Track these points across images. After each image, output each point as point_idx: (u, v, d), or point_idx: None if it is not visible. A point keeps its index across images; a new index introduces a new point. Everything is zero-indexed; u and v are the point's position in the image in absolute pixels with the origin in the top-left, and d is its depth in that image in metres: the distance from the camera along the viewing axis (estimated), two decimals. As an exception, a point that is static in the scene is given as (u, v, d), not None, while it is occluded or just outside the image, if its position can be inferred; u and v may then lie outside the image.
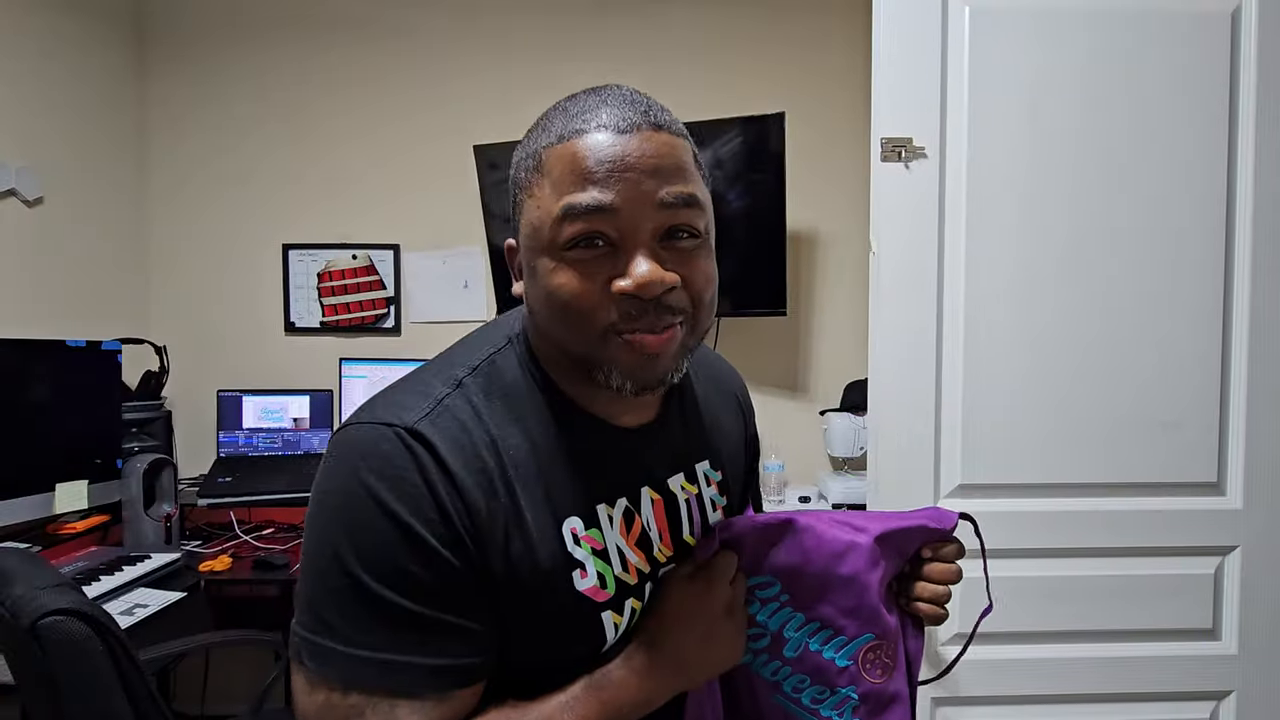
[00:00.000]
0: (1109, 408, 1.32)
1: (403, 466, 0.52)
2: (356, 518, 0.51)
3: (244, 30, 2.38)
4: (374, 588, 0.51)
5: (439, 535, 0.52)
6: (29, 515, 1.71)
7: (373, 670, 0.50)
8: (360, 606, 0.51)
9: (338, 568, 0.51)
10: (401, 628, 0.51)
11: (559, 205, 0.52)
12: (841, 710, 0.64)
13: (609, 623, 0.59)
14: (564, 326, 0.55)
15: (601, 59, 2.31)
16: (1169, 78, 1.30)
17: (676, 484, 0.67)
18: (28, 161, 1.95)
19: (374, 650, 0.50)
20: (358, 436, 0.54)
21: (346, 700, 0.50)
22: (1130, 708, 1.35)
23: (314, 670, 0.51)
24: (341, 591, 0.51)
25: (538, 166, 0.54)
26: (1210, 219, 1.31)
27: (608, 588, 0.59)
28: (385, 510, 0.51)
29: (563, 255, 0.53)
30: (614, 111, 0.53)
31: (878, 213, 1.32)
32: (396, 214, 2.39)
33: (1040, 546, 1.33)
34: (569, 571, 0.57)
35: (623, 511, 0.62)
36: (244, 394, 2.26)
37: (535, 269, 0.55)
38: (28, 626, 0.94)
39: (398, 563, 0.51)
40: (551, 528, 0.57)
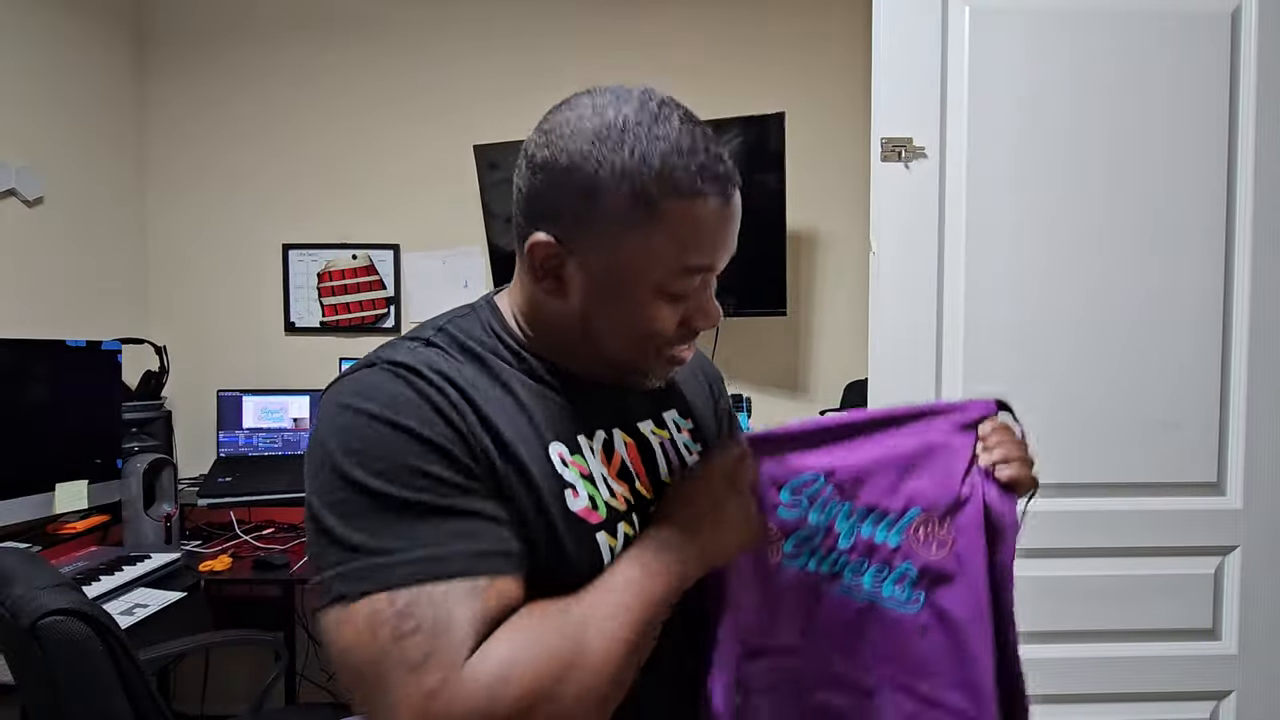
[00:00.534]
0: (1109, 408, 1.32)
1: (394, 388, 0.55)
2: (362, 438, 0.53)
3: (244, 30, 2.38)
4: (398, 493, 0.51)
5: (445, 436, 0.54)
6: (29, 515, 1.71)
7: (414, 566, 0.50)
8: (388, 516, 0.51)
9: (354, 490, 0.51)
10: (435, 523, 0.51)
11: (681, 262, 0.58)
12: (902, 584, 0.65)
13: (604, 544, 0.60)
14: (637, 345, 0.62)
15: (603, 60, 2.32)
16: (1169, 78, 1.30)
17: (647, 428, 0.70)
18: (28, 161, 1.95)
19: (412, 549, 0.50)
20: (340, 388, 0.57)
21: (394, 604, 0.48)
22: (1130, 708, 1.35)
23: (351, 595, 0.49)
24: (364, 511, 0.51)
25: (650, 212, 0.56)
26: (1210, 219, 1.31)
27: (599, 510, 0.61)
28: (388, 422, 0.53)
29: (666, 296, 0.60)
30: (721, 169, 0.59)
31: (878, 213, 1.32)
32: (396, 214, 2.39)
33: (1040, 546, 1.33)
34: (561, 490, 0.59)
35: (602, 443, 0.65)
36: (244, 394, 2.26)
37: (626, 295, 0.60)
38: (28, 626, 0.94)
39: (416, 465, 0.52)
40: (539, 450, 0.59)
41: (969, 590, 0.64)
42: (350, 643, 0.49)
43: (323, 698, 2.37)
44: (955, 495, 0.65)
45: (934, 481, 0.66)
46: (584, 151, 0.56)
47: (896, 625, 0.66)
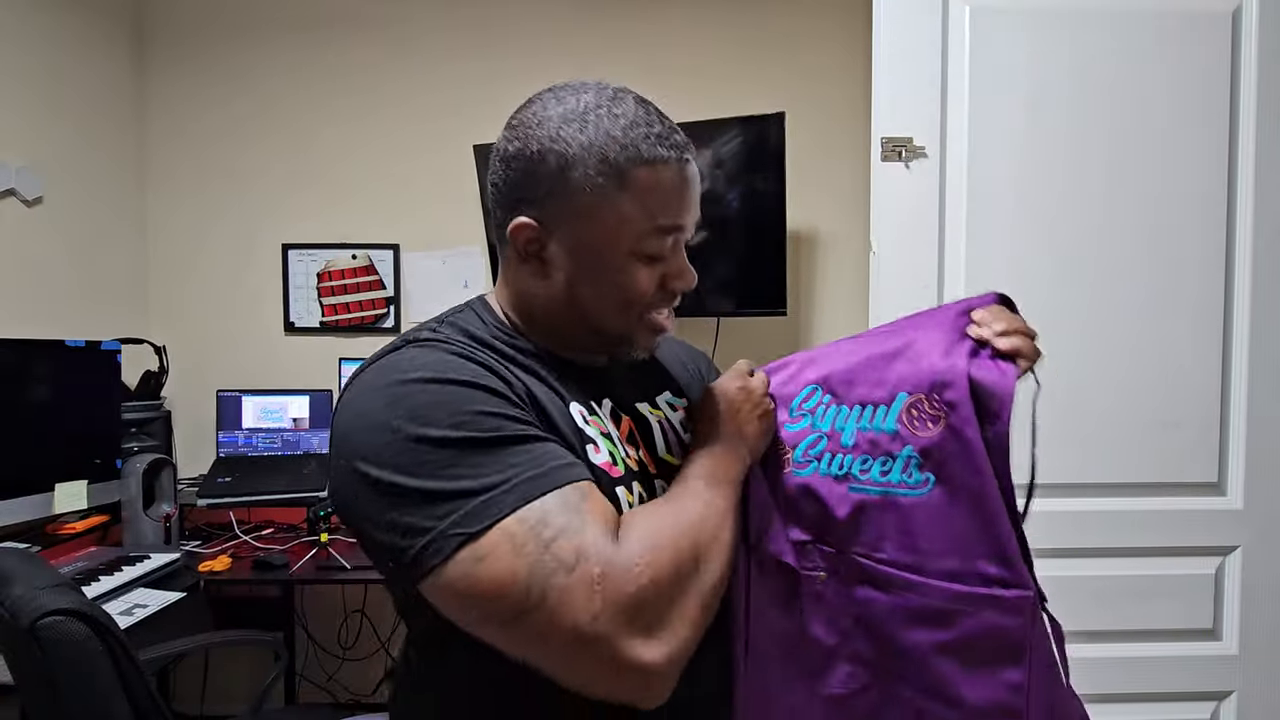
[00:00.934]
0: (1109, 408, 1.32)
1: (434, 355, 0.59)
2: (426, 401, 0.55)
3: (244, 30, 2.37)
4: (481, 434, 0.54)
5: (497, 385, 0.58)
6: (29, 515, 1.71)
7: (527, 486, 0.52)
8: (478, 455, 0.53)
9: (436, 446, 0.53)
10: (522, 450, 0.55)
11: (653, 224, 0.63)
12: (908, 470, 0.65)
13: (623, 500, 0.63)
14: (621, 312, 0.65)
15: (603, 60, 2.32)
16: (1169, 78, 1.30)
17: (644, 408, 0.74)
18: (28, 161, 1.95)
19: (518, 474, 0.53)
20: (378, 370, 0.59)
21: (525, 522, 0.51)
22: (1130, 708, 1.35)
23: (479, 532, 0.51)
24: (454, 460, 0.53)
25: (618, 180, 0.61)
26: (1210, 219, 1.31)
27: (619, 465, 0.65)
28: (445, 380, 0.56)
29: (642, 258, 0.64)
30: (677, 138, 0.64)
31: (878, 213, 1.32)
32: (396, 214, 2.39)
33: (1040, 547, 1.32)
34: (584, 444, 0.63)
35: (609, 410, 0.69)
36: (243, 394, 2.26)
37: (604, 262, 0.63)
38: (27, 626, 0.94)
39: (483, 409, 0.55)
40: (562, 406, 0.64)
41: (970, 461, 0.63)
42: (497, 572, 0.50)
43: (322, 698, 2.38)
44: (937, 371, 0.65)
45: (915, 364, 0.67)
46: (552, 135, 0.61)
47: (914, 510, 0.65)
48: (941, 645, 0.63)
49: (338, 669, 2.37)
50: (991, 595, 0.63)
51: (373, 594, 2.36)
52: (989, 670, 0.63)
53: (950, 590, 0.63)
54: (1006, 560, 0.63)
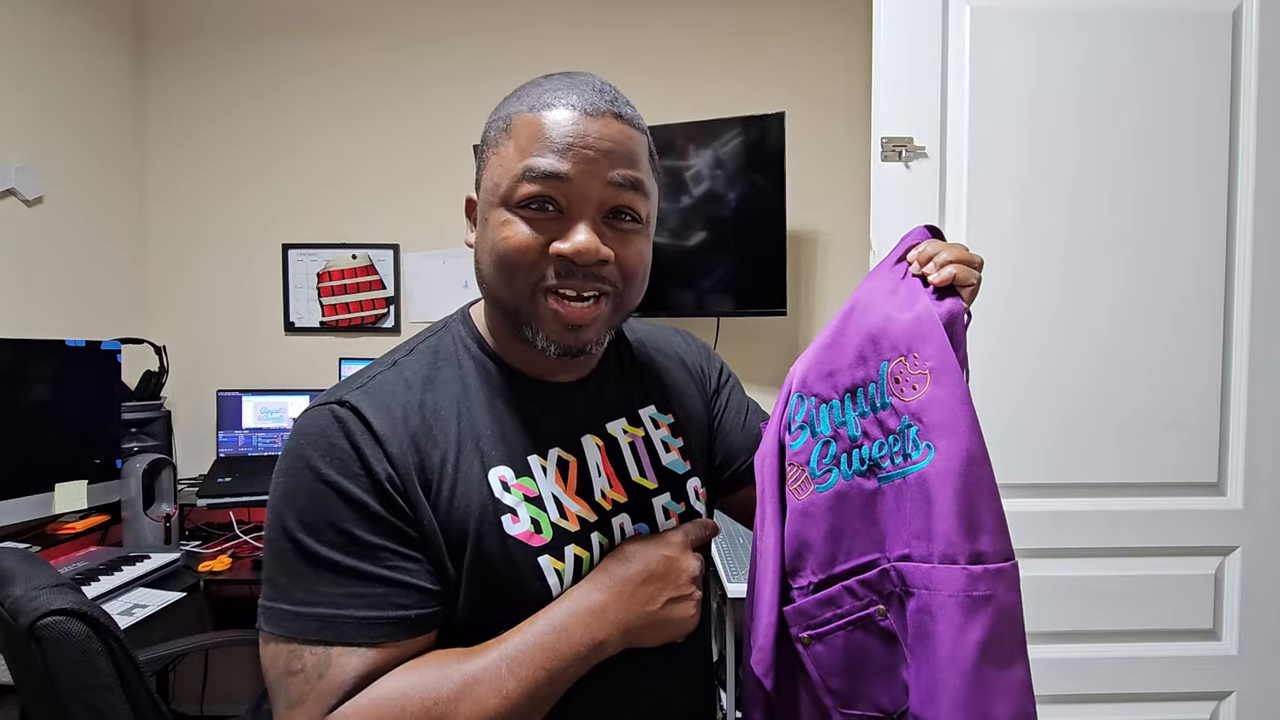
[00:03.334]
0: (1109, 408, 1.32)
1: (332, 434, 0.58)
2: (297, 487, 0.57)
3: (244, 30, 2.37)
4: (313, 547, 0.56)
5: (366, 489, 0.57)
6: (28, 515, 1.71)
7: (313, 623, 0.55)
8: (302, 565, 0.56)
9: (283, 534, 0.57)
10: (339, 582, 0.56)
11: (520, 165, 0.58)
12: (916, 444, 0.61)
13: (549, 568, 0.60)
14: (503, 276, 0.60)
15: (602, 59, 2.31)
16: (1169, 78, 1.30)
17: (618, 428, 0.70)
18: (27, 161, 1.95)
19: (314, 605, 0.55)
20: (302, 421, 0.60)
21: (290, 650, 0.55)
22: (1130, 708, 1.35)
23: (268, 631, 0.56)
24: (286, 555, 0.56)
25: (506, 129, 0.60)
26: (1211, 219, 1.31)
27: (543, 533, 0.61)
28: (319, 475, 0.57)
29: (515, 210, 0.59)
30: (583, 95, 0.59)
31: (878, 213, 1.32)
32: (396, 214, 2.39)
33: (1041, 546, 1.33)
34: (498, 517, 0.60)
35: (556, 461, 0.64)
36: (243, 394, 2.26)
37: (488, 220, 0.60)
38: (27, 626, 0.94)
39: (333, 520, 0.56)
40: (479, 477, 0.61)
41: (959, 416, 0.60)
42: (264, 663, 0.57)
43: None
44: (904, 327, 0.62)
45: (881, 326, 0.64)
46: (491, 117, 0.63)
47: (922, 489, 0.61)
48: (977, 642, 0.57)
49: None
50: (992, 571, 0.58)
51: (373, 594, 2.36)
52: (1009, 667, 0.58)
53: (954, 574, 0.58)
54: (993, 531, 0.60)
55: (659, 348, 0.80)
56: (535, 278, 0.59)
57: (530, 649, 0.56)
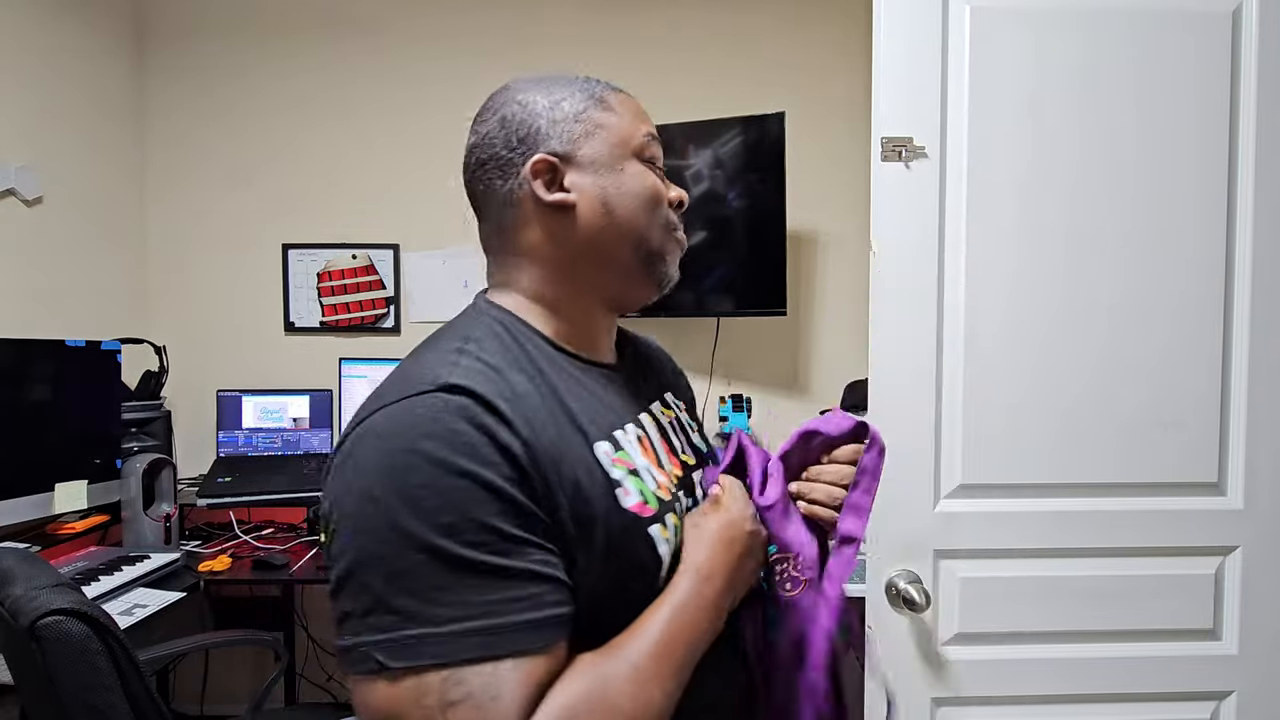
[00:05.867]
0: (1109, 407, 1.32)
1: (450, 421, 0.51)
2: (419, 486, 0.49)
3: (244, 30, 2.38)
4: (455, 551, 0.48)
5: (506, 477, 0.51)
6: (29, 515, 1.71)
7: (471, 640, 0.47)
8: (443, 576, 0.48)
9: (408, 546, 0.48)
10: (491, 587, 0.49)
11: (643, 129, 0.68)
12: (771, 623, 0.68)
13: (659, 538, 0.60)
14: (649, 214, 0.67)
15: (602, 59, 2.31)
16: (1169, 78, 1.30)
17: (657, 410, 0.74)
18: (28, 161, 1.95)
19: (468, 619, 0.48)
20: (398, 414, 0.53)
21: (442, 679, 0.47)
22: (1130, 708, 1.35)
23: (400, 666, 0.47)
24: (418, 570, 0.48)
25: (602, 103, 0.68)
26: (1211, 219, 1.31)
27: (650, 503, 0.61)
28: (449, 467, 0.49)
29: (646, 161, 0.69)
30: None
31: (878, 213, 1.32)
32: (396, 214, 2.39)
33: (1040, 546, 1.33)
34: (613, 491, 0.59)
35: (636, 436, 0.66)
36: (243, 394, 2.26)
37: (624, 169, 0.67)
38: (27, 626, 0.94)
39: (475, 516, 0.49)
40: (587, 454, 0.59)
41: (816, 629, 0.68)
42: (388, 709, 0.47)
43: (323, 698, 2.37)
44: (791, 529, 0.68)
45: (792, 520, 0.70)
46: (528, 95, 0.68)
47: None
48: None
49: (338, 669, 2.37)
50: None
51: (373, 594, 2.36)
52: None
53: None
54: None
55: (649, 345, 0.87)
56: (665, 216, 0.69)
57: (671, 637, 0.56)
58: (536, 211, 0.65)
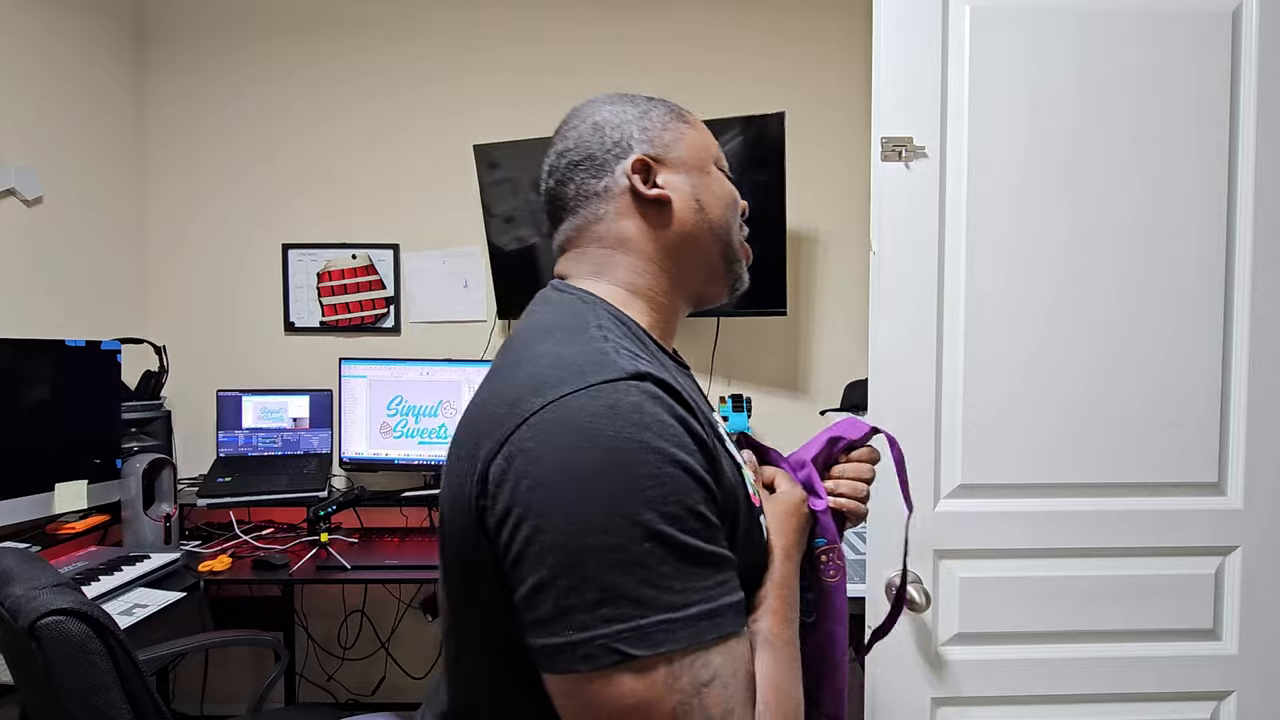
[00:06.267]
0: (1109, 407, 1.32)
1: (654, 409, 0.52)
2: (643, 475, 0.49)
3: (244, 30, 2.38)
4: (681, 538, 0.49)
5: (703, 465, 0.53)
6: (28, 515, 1.71)
7: (705, 623, 0.49)
8: (673, 565, 0.49)
9: (642, 533, 0.48)
10: (706, 573, 0.51)
11: (716, 145, 0.76)
12: (808, 608, 0.74)
13: (764, 525, 0.66)
14: (732, 219, 0.74)
15: (602, 59, 2.31)
16: (1169, 78, 1.30)
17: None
18: (28, 161, 1.95)
19: (699, 604, 0.49)
20: (609, 400, 0.52)
21: (689, 662, 0.48)
22: (1130, 708, 1.35)
23: (649, 655, 0.47)
24: (649, 557, 0.48)
25: (682, 117, 0.75)
26: (1211, 219, 1.31)
27: (756, 494, 0.67)
28: (666, 456, 0.50)
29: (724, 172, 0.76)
30: None
31: (878, 213, 1.32)
32: (396, 214, 2.39)
33: (1040, 546, 1.33)
34: (743, 479, 0.64)
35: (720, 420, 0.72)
36: (243, 394, 2.26)
37: (710, 174, 0.74)
38: (27, 626, 0.94)
39: (690, 504, 0.51)
40: (721, 444, 0.62)
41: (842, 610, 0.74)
42: (643, 698, 0.47)
43: (323, 698, 2.38)
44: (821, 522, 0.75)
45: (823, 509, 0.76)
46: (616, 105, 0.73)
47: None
48: None
49: (338, 669, 2.37)
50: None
51: (373, 594, 2.36)
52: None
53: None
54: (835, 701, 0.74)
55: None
56: (740, 222, 0.77)
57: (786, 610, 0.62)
58: (634, 205, 0.70)
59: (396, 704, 2.38)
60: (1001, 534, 1.32)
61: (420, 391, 2.19)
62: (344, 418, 2.22)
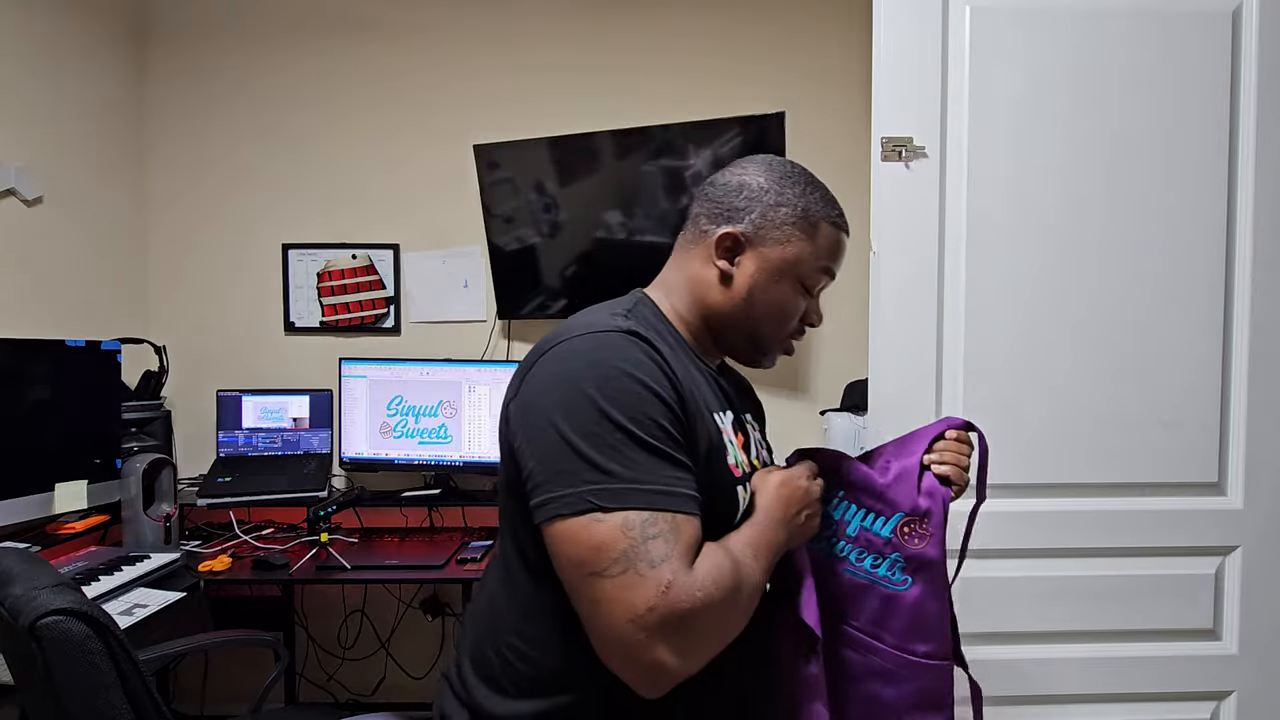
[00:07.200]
0: (1109, 407, 1.32)
1: (635, 352, 0.71)
2: (616, 387, 0.68)
3: (244, 30, 2.37)
4: (643, 436, 0.67)
5: (673, 398, 0.71)
6: (28, 515, 1.71)
7: (658, 496, 0.66)
8: (637, 453, 0.67)
9: (612, 426, 0.66)
10: (667, 466, 0.68)
11: (821, 264, 0.86)
12: (892, 569, 0.87)
13: (741, 497, 0.78)
14: (774, 323, 0.86)
15: (602, 60, 2.31)
16: (1169, 77, 1.30)
17: (747, 419, 0.92)
18: (28, 161, 1.95)
19: (655, 483, 0.66)
20: (593, 340, 0.72)
21: (644, 518, 0.64)
22: (1130, 708, 1.35)
23: (609, 507, 0.64)
24: (620, 444, 0.66)
25: (810, 225, 0.84)
26: (1211, 219, 1.31)
27: (740, 468, 0.80)
28: (636, 379, 0.69)
29: (802, 289, 0.86)
30: (845, 220, 0.88)
31: (878, 213, 1.32)
32: (396, 214, 2.39)
33: (1041, 546, 1.33)
34: (724, 448, 0.78)
35: (732, 422, 0.84)
36: (243, 394, 2.26)
37: (779, 282, 0.84)
38: (27, 626, 0.94)
39: (654, 417, 0.68)
40: (708, 415, 0.78)
41: (940, 571, 0.86)
42: (603, 538, 0.64)
43: (323, 698, 2.38)
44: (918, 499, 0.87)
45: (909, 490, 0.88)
46: (776, 182, 0.85)
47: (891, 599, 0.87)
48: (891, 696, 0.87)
49: (338, 669, 2.37)
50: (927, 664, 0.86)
51: (373, 594, 2.36)
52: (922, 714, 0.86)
53: (902, 658, 0.86)
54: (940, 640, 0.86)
55: (738, 372, 1.02)
56: (786, 331, 0.88)
57: (757, 542, 0.75)
58: (712, 259, 0.84)
59: (396, 704, 2.38)
60: (1002, 534, 1.32)
61: (420, 391, 2.19)
62: (344, 418, 2.22)
